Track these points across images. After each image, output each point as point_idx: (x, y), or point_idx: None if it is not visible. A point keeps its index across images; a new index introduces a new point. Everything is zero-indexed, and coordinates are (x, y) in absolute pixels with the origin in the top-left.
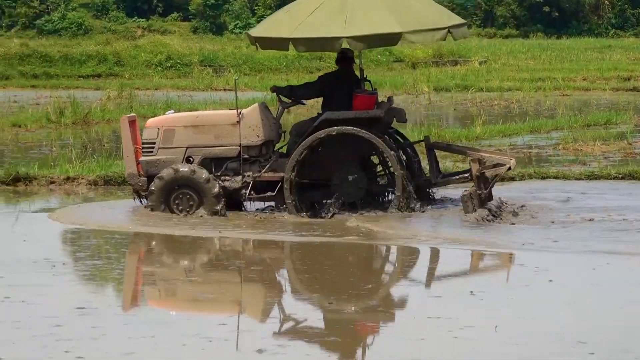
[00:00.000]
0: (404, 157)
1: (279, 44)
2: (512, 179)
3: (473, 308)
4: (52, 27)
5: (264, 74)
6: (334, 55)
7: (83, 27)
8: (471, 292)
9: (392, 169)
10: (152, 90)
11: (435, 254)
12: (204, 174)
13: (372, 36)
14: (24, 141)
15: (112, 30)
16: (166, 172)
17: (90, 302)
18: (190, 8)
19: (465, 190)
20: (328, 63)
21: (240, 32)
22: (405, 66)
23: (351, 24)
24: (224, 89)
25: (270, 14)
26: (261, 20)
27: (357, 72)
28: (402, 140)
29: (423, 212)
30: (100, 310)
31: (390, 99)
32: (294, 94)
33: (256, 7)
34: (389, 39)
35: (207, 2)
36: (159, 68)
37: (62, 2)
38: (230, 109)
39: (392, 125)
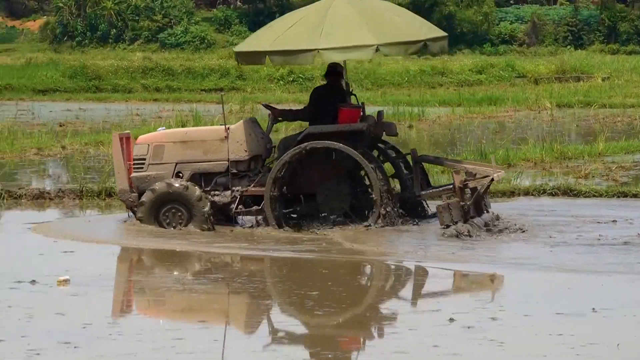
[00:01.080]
0: (395, 171)
1: (255, 58)
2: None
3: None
4: (174, 40)
5: (386, 89)
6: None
7: (205, 41)
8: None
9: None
10: (274, 104)
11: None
12: (196, 191)
13: (346, 48)
14: None
15: (234, 44)
16: (159, 186)
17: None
18: None
19: (443, 201)
20: (450, 78)
21: None
22: (527, 82)
23: (326, 36)
24: None
25: None
26: None
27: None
28: (394, 154)
29: (403, 225)
30: None
31: (380, 114)
32: (294, 117)
33: None
34: (364, 51)
35: None
36: (281, 82)
37: (185, 16)
38: (220, 125)
39: (385, 140)
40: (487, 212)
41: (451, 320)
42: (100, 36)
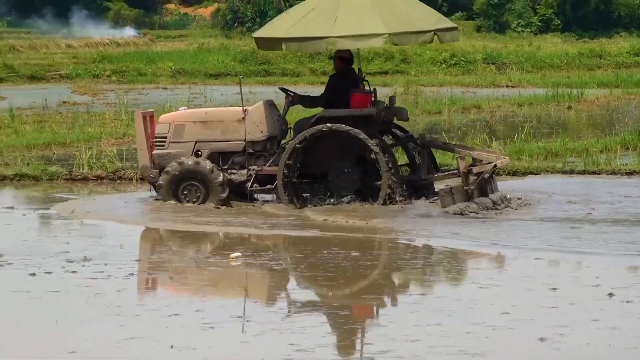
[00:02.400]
0: (406, 155)
1: (273, 43)
2: None
3: None
4: None
5: (545, 71)
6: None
7: None
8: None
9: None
10: (436, 87)
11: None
12: (207, 164)
13: (358, 36)
14: None
15: None
16: (172, 166)
17: None
18: (474, 7)
19: (445, 185)
20: (608, 60)
21: (522, 31)
22: None
23: (339, 25)
24: (506, 86)
25: (552, 12)
26: None
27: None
28: (403, 135)
29: (407, 204)
30: None
31: (392, 99)
32: (308, 102)
33: (538, 7)
34: (375, 40)
35: (491, 2)
36: (444, 65)
37: None
38: (238, 106)
39: (400, 125)
40: (492, 193)
41: (610, 295)
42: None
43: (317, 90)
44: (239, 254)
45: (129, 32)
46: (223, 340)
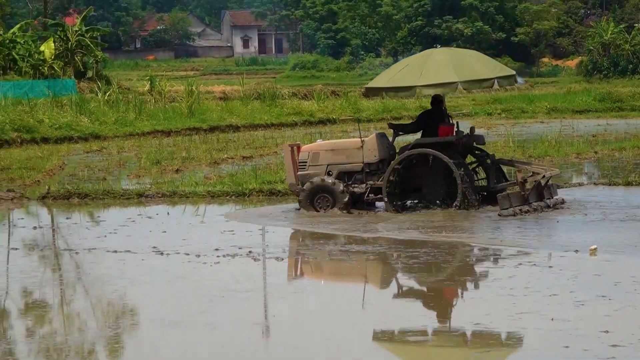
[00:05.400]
0: (484, 169)
1: (377, 92)
2: None
3: None
4: None
5: None
6: None
7: None
8: None
9: (457, 181)
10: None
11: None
12: (340, 186)
13: (437, 84)
14: None
15: None
16: (315, 179)
17: None
18: None
19: (505, 192)
20: None
21: None
22: None
23: (424, 76)
24: None
25: None
26: None
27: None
28: (482, 155)
29: (477, 209)
30: None
31: (472, 129)
32: (403, 130)
33: None
34: (449, 87)
35: None
36: None
37: None
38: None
39: (480, 147)
40: (551, 197)
41: None
42: (620, 70)
43: None
44: (596, 246)
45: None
46: (590, 314)
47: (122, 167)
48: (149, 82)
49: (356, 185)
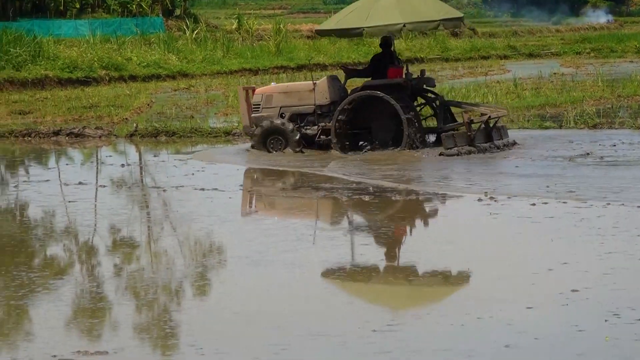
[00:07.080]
0: (432, 111)
1: (327, 33)
2: None
3: None
4: None
5: None
6: None
7: None
8: None
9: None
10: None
11: None
12: (290, 125)
13: (382, 26)
14: None
15: None
16: (265, 123)
17: None
18: None
19: (450, 132)
20: None
21: None
22: None
23: (371, 18)
24: None
25: None
26: None
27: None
28: (432, 97)
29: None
30: None
31: (422, 71)
32: (357, 74)
33: None
34: (394, 28)
35: None
36: None
37: None
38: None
39: (432, 90)
40: (501, 139)
41: None
42: None
43: None
44: None
45: (603, 19)
46: None
47: (210, 105)
48: (237, 20)
49: (308, 127)
